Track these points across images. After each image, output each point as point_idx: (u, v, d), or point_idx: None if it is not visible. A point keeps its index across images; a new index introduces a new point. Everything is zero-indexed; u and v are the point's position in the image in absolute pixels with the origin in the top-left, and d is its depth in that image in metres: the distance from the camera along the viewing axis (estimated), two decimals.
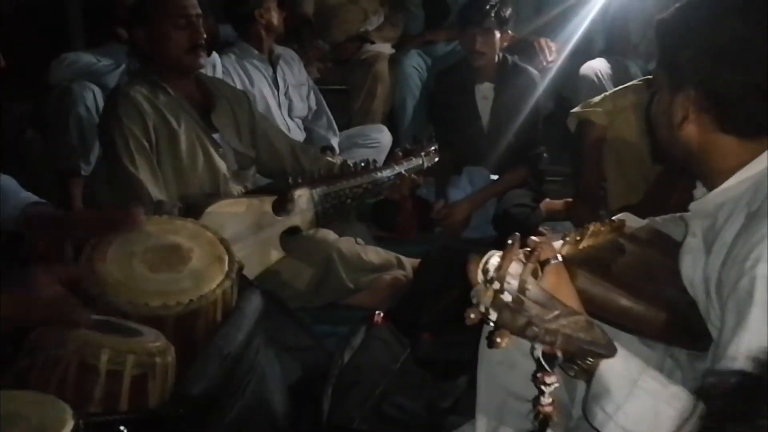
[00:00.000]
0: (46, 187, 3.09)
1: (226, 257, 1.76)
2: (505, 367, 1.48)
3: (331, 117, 3.67)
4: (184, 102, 2.51)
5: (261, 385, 1.72)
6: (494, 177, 3.48)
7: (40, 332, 1.36)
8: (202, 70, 2.67)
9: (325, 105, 3.69)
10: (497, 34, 3.31)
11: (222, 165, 2.55)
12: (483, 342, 1.53)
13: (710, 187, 1.32)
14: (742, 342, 1.14)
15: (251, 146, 2.70)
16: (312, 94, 3.66)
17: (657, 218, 1.58)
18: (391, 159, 2.85)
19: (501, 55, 3.40)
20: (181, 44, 2.42)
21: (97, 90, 3.10)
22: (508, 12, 3.35)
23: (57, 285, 1.32)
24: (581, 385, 1.45)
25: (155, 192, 2.34)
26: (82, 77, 3.18)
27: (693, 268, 1.36)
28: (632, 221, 1.50)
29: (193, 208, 2.35)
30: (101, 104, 3.06)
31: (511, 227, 3.28)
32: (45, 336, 1.36)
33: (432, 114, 3.81)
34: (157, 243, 1.72)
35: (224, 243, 1.80)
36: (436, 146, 2.96)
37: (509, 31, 3.40)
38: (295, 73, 3.59)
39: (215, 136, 2.55)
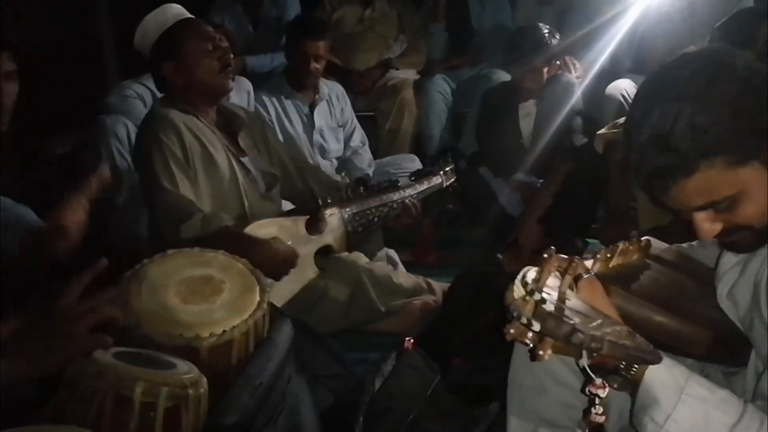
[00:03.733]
0: None
1: (257, 287, 1.78)
2: (536, 393, 1.47)
3: (370, 154, 3.71)
4: (214, 128, 2.55)
5: (293, 413, 1.74)
6: None
7: (78, 365, 1.39)
8: (236, 98, 2.69)
9: (367, 142, 3.73)
10: None
11: (254, 189, 2.59)
12: (513, 368, 1.53)
13: None
14: None
15: (271, 164, 2.74)
16: (356, 132, 3.70)
17: (683, 245, 1.57)
18: (411, 178, 2.89)
19: None
20: (213, 68, 2.47)
21: (129, 123, 3.16)
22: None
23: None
24: (615, 408, 1.45)
25: (199, 205, 2.36)
26: (126, 113, 3.25)
27: (733, 281, 1.35)
28: (657, 244, 1.49)
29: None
30: (133, 137, 3.13)
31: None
32: (82, 369, 1.38)
33: (477, 131, 3.83)
34: (189, 275, 1.74)
35: (255, 273, 1.82)
36: (453, 166, 3.00)
37: None
38: (335, 114, 3.61)
39: (244, 160, 2.60)
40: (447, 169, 2.97)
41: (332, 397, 2.04)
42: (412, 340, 2.24)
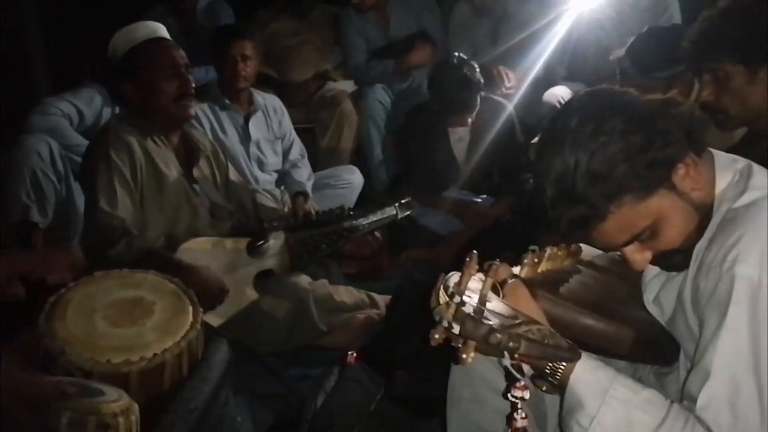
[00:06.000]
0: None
1: (190, 308, 1.73)
2: (475, 405, 1.47)
3: (310, 168, 3.67)
4: (170, 152, 2.52)
5: None
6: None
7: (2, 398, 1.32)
8: None
9: (306, 155, 3.69)
10: None
11: (201, 213, 2.55)
12: (452, 381, 1.52)
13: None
14: (721, 342, 1.16)
15: (227, 200, 2.71)
16: (295, 145, 3.65)
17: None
18: (365, 208, 2.84)
19: None
20: (170, 94, 2.43)
21: (52, 141, 3.06)
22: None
23: None
24: (553, 419, 1.45)
25: (131, 228, 2.32)
26: (49, 132, 3.15)
27: (659, 287, 1.38)
28: (589, 251, 1.51)
29: (168, 244, 2.37)
30: (56, 155, 3.04)
31: None
32: (6, 401, 1.32)
33: (402, 150, 3.82)
34: (118, 298, 1.69)
35: (188, 293, 1.77)
36: (409, 199, 2.96)
37: None
38: (272, 126, 3.56)
39: (195, 186, 2.56)
40: (403, 201, 2.92)
41: (273, 416, 2.00)
42: (354, 355, 2.22)
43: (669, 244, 1.26)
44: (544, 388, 1.23)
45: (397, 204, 2.89)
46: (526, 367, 1.21)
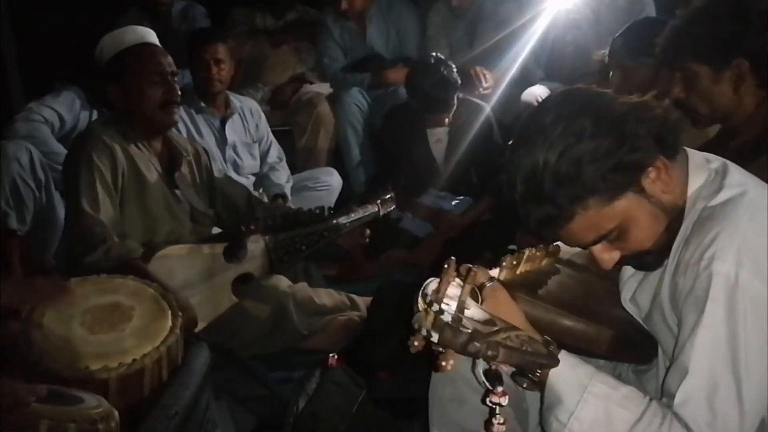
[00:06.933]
0: None
1: (170, 312, 1.72)
2: (456, 404, 1.48)
3: (288, 170, 3.65)
4: (153, 157, 2.50)
5: None
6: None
7: None
8: None
9: (284, 158, 3.68)
10: None
11: (182, 219, 2.54)
12: (433, 381, 1.53)
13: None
14: (698, 339, 1.17)
15: (209, 205, 2.68)
16: (273, 147, 3.63)
17: None
18: (346, 207, 2.80)
19: None
20: (155, 100, 2.40)
21: (33, 149, 3.03)
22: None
23: None
24: (534, 417, 1.46)
25: (113, 234, 2.29)
26: (30, 139, 3.12)
27: (636, 285, 1.39)
28: (568, 249, 1.51)
29: (144, 251, 2.33)
30: (37, 162, 3.01)
31: None
32: None
33: (381, 151, 3.83)
34: (96, 303, 1.68)
35: (167, 298, 1.76)
36: (392, 195, 2.92)
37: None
38: (249, 129, 3.55)
39: (176, 191, 2.54)
40: (386, 197, 2.88)
41: (255, 420, 1.99)
42: (336, 357, 2.21)
43: (638, 246, 1.26)
44: (524, 385, 1.23)
45: (379, 201, 2.86)
46: (505, 367, 1.21)
